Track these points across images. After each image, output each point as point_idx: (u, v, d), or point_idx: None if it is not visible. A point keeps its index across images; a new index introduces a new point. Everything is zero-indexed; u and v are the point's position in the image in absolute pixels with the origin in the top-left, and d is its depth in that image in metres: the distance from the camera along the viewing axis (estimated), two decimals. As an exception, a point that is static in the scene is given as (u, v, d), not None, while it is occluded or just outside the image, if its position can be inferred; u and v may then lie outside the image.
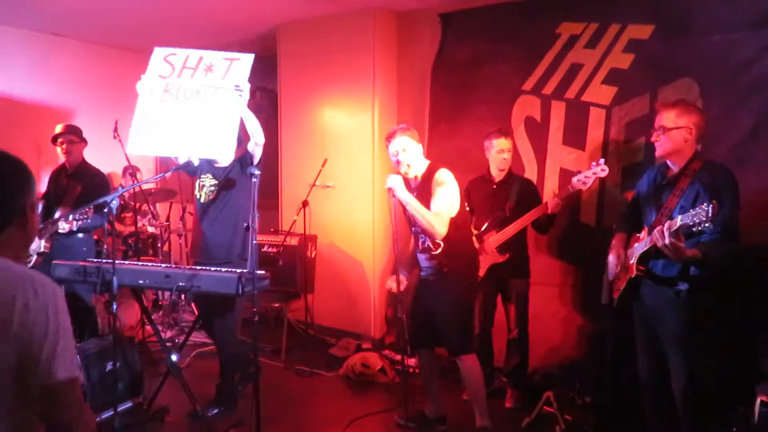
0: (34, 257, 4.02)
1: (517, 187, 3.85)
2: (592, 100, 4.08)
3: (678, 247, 2.43)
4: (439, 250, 3.25)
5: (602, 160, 3.55)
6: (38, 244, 4.01)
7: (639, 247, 2.72)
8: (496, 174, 3.92)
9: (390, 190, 3.15)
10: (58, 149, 4.30)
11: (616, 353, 3.50)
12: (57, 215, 4.02)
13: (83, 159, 4.37)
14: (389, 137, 3.29)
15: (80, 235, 4.19)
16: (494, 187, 3.91)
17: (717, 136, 3.58)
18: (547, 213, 3.65)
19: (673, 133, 2.67)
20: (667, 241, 2.43)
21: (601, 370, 3.60)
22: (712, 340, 2.68)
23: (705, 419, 2.68)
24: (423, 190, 3.25)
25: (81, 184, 4.21)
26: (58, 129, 4.32)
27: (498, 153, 3.85)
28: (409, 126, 3.35)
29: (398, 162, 3.27)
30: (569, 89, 4.18)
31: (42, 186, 4.62)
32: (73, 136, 4.28)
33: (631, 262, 2.76)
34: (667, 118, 2.70)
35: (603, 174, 3.55)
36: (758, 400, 2.65)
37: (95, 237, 4.54)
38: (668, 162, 2.80)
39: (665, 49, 3.78)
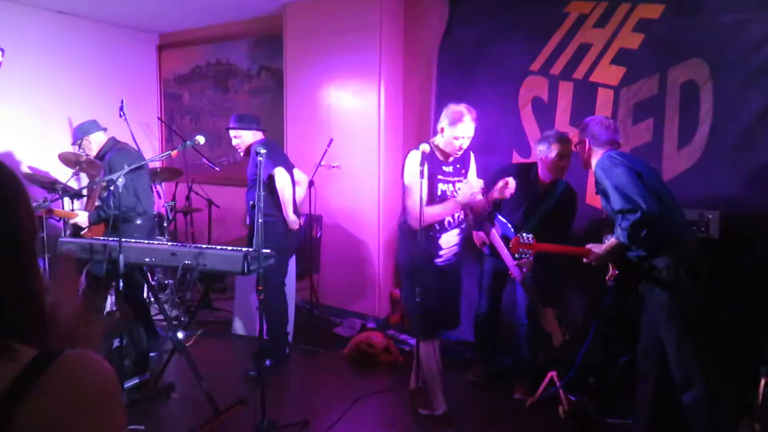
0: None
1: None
2: (601, 80, 4.03)
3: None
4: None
5: (510, 178, 3.34)
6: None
7: None
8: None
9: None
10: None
11: (619, 335, 3.51)
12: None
13: (105, 141, 4.22)
14: (461, 118, 3.17)
15: (138, 221, 4.13)
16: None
17: (726, 117, 3.55)
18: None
19: None
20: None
21: (605, 352, 3.61)
22: (689, 317, 2.74)
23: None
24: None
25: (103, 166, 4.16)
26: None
27: None
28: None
29: (460, 147, 3.26)
30: (577, 69, 4.13)
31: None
32: (80, 141, 4.21)
33: None
34: None
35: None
36: (762, 382, 2.65)
37: None
38: None
39: (676, 28, 3.73)
